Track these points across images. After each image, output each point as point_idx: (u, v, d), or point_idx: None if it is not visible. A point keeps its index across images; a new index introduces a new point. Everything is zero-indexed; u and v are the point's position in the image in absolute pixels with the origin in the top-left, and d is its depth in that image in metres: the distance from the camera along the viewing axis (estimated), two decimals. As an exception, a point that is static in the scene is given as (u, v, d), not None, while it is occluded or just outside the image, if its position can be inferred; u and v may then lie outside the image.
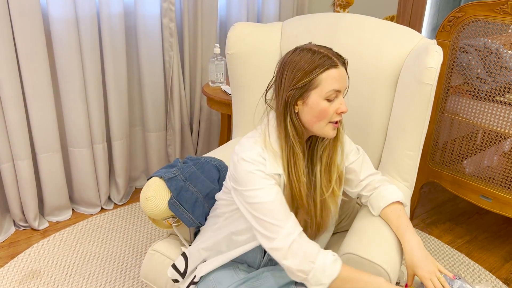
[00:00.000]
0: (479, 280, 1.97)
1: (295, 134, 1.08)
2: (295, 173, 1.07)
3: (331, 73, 1.04)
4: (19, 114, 1.98)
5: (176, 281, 1.28)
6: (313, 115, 1.07)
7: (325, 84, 1.04)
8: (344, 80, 1.07)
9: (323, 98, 1.05)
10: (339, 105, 1.07)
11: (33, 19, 1.89)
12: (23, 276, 1.88)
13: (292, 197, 1.09)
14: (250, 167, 1.04)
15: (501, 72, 1.94)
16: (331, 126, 1.09)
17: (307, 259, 1.00)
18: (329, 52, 1.07)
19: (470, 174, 2.09)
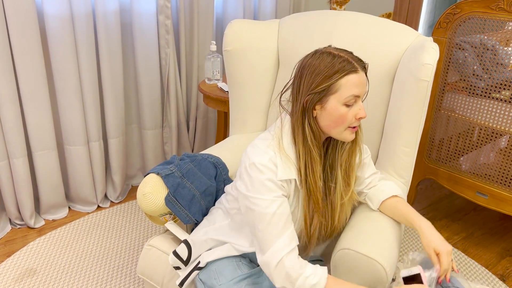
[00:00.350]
0: (477, 280, 1.98)
1: (313, 138, 1.07)
2: (312, 177, 1.07)
3: (351, 78, 1.02)
4: (14, 112, 1.97)
5: (178, 268, 1.27)
6: (331, 120, 1.05)
7: (344, 90, 1.02)
8: (364, 85, 1.05)
9: (342, 103, 1.03)
10: (358, 110, 1.05)
11: (28, 17, 1.88)
12: (19, 274, 1.87)
13: (308, 202, 1.09)
14: (260, 176, 1.03)
15: (497, 68, 1.94)
16: (349, 130, 1.07)
17: (288, 280, 1.01)
18: (350, 56, 1.04)
19: (467, 171, 2.10)
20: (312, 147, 1.06)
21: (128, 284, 1.84)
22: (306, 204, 1.09)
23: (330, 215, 1.16)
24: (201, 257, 1.23)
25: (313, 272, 1.01)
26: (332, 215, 1.16)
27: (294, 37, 1.59)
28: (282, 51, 1.62)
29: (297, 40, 1.58)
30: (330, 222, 1.16)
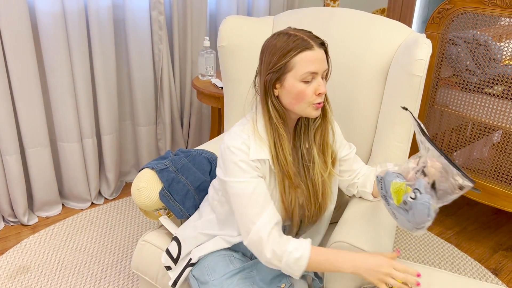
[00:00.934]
0: (469, 274, 2.00)
1: (278, 116, 1.10)
2: (282, 153, 1.09)
3: (305, 55, 1.05)
4: (6, 109, 1.96)
5: (169, 268, 1.27)
6: (292, 98, 1.08)
7: (299, 67, 1.05)
8: (321, 62, 1.07)
9: (299, 80, 1.06)
10: (317, 86, 1.07)
11: (20, 13, 1.86)
12: (12, 271, 1.86)
13: (283, 179, 1.11)
14: (233, 158, 1.07)
15: (489, 64, 1.95)
16: (312, 107, 1.09)
17: (274, 257, 1.04)
18: (306, 34, 1.07)
19: (460, 166, 2.11)
20: (278, 125, 1.09)
21: (123, 280, 1.84)
22: (281, 181, 1.11)
23: (312, 193, 1.17)
24: (192, 253, 1.23)
25: (297, 246, 1.04)
26: (314, 193, 1.17)
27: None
28: (276, 47, 1.62)
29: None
30: (313, 200, 1.18)
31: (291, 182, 1.11)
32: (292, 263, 1.03)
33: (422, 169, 0.98)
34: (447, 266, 2.02)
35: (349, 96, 1.50)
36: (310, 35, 1.08)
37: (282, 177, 1.11)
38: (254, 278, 1.12)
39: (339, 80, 1.50)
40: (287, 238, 1.06)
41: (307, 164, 1.17)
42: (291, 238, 1.06)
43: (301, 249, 1.03)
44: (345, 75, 1.49)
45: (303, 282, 1.17)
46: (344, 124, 1.51)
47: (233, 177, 1.07)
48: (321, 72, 1.07)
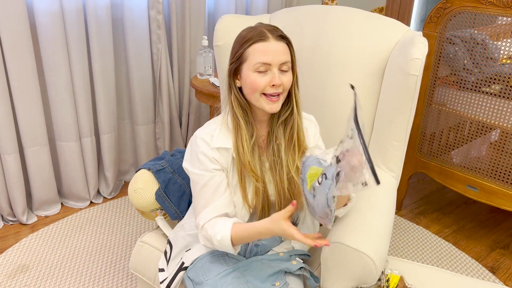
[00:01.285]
0: (467, 272, 2.00)
1: (238, 106, 1.13)
2: (241, 143, 1.12)
3: (257, 47, 1.08)
4: (5, 108, 1.96)
5: (162, 270, 1.28)
6: (247, 87, 1.11)
7: (252, 57, 1.08)
8: (276, 54, 1.08)
9: (252, 70, 1.08)
10: (271, 78, 1.08)
11: (18, 12, 1.87)
12: (11, 270, 1.87)
13: (241, 169, 1.13)
14: (196, 148, 1.13)
15: (487, 63, 1.95)
16: (264, 98, 1.10)
17: (208, 241, 1.12)
18: (267, 28, 1.10)
19: (458, 165, 2.12)
20: (238, 115, 1.13)
21: (121, 279, 1.84)
22: (239, 171, 1.13)
23: (280, 190, 1.18)
24: (184, 257, 1.24)
25: (219, 229, 1.10)
26: (282, 189, 1.18)
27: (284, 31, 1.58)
28: (273, 46, 1.62)
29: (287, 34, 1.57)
30: (282, 197, 1.18)
31: (251, 173, 1.13)
32: (219, 243, 1.09)
33: (339, 155, 0.95)
34: (444, 264, 2.02)
35: (345, 95, 1.50)
36: (271, 28, 1.11)
37: (241, 168, 1.13)
38: (248, 277, 1.13)
39: (335, 78, 1.50)
40: (215, 221, 1.11)
41: (276, 159, 1.18)
42: (218, 221, 1.11)
43: (222, 231, 1.09)
44: (341, 73, 1.49)
45: (299, 281, 1.17)
46: (339, 123, 1.52)
47: (191, 167, 1.14)
48: (276, 63, 1.09)
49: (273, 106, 1.11)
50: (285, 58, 1.10)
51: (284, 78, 1.10)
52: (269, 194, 1.17)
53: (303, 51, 1.55)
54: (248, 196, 1.15)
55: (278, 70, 1.09)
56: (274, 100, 1.10)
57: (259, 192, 1.15)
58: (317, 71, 1.53)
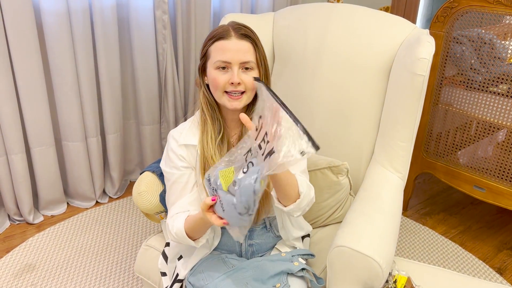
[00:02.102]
0: (474, 273, 1.99)
1: (206, 103, 1.15)
2: (206, 139, 1.13)
3: (218, 45, 1.09)
4: (12, 108, 1.97)
5: (164, 274, 1.28)
6: (211, 85, 1.12)
7: (213, 55, 1.10)
8: (236, 52, 1.08)
9: (214, 67, 1.10)
10: (230, 75, 1.08)
11: (24, 13, 1.87)
12: (18, 270, 1.88)
13: (204, 163, 1.13)
14: (167, 146, 1.17)
15: (494, 62, 1.94)
16: (227, 96, 1.11)
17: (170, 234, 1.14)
18: (232, 26, 1.11)
19: (464, 165, 2.10)
20: (205, 111, 1.14)
21: (127, 279, 1.85)
22: (200, 165, 1.13)
23: None
24: (178, 266, 1.24)
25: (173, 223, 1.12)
26: None
27: (288, 30, 1.58)
28: (277, 44, 1.62)
29: (291, 33, 1.57)
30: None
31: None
32: (177, 236, 1.12)
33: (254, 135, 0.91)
34: (451, 265, 2.01)
35: (350, 95, 1.49)
36: (236, 27, 1.11)
37: (204, 164, 1.13)
38: (249, 279, 1.12)
39: (340, 78, 1.49)
40: (176, 216, 1.13)
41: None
42: (177, 217, 1.13)
43: (177, 224, 1.12)
44: (346, 72, 1.48)
45: (301, 283, 1.16)
46: (345, 122, 1.51)
47: (164, 165, 1.18)
48: (236, 62, 1.08)
49: (234, 103, 1.11)
50: (246, 57, 1.09)
51: (245, 77, 1.09)
52: None
53: (306, 49, 1.54)
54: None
55: (239, 69, 1.09)
56: (235, 98, 1.10)
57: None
58: (321, 70, 1.52)
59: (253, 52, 1.11)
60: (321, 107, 1.54)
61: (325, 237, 1.43)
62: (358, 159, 1.52)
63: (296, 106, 1.56)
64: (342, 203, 1.48)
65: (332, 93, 1.51)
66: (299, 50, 1.55)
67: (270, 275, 1.12)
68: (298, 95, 1.57)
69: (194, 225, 1.08)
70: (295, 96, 1.58)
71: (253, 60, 1.11)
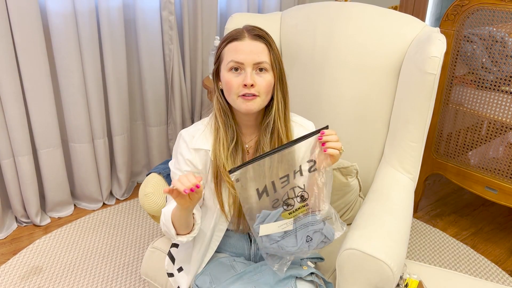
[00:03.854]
0: (486, 276, 1.95)
1: (219, 108, 1.13)
2: (218, 146, 1.12)
3: (232, 45, 1.08)
4: (18, 110, 1.96)
5: (171, 275, 1.26)
6: (225, 88, 1.10)
7: (226, 56, 1.08)
8: (249, 53, 1.06)
9: (227, 70, 1.08)
10: (243, 77, 1.06)
11: (31, 14, 1.87)
12: (25, 272, 1.87)
13: (217, 172, 1.12)
14: (177, 147, 1.16)
15: (506, 61, 1.90)
16: (241, 99, 1.07)
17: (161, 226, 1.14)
18: (246, 27, 1.10)
19: (475, 166, 2.07)
20: (218, 117, 1.12)
21: (134, 281, 1.83)
22: (215, 175, 1.12)
23: None
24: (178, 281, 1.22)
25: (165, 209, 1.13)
26: None
27: (296, 29, 1.56)
28: (285, 44, 1.60)
29: (299, 32, 1.55)
30: None
31: (226, 178, 1.10)
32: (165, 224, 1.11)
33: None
34: (463, 268, 1.97)
35: (359, 94, 1.47)
36: (250, 28, 1.09)
37: (216, 171, 1.12)
38: (257, 282, 1.10)
39: (349, 77, 1.47)
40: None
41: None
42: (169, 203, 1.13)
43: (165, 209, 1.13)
44: (355, 71, 1.46)
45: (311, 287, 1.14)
46: (354, 122, 1.49)
47: (171, 164, 1.18)
48: (249, 63, 1.06)
49: (249, 104, 1.07)
50: (260, 58, 1.06)
51: (259, 79, 1.07)
52: None
53: (315, 49, 1.52)
54: (224, 203, 1.13)
55: (252, 70, 1.06)
56: (249, 98, 1.06)
57: (236, 199, 1.12)
58: (329, 70, 1.50)
59: (267, 53, 1.08)
60: (330, 107, 1.51)
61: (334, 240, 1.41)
62: (368, 160, 1.49)
63: (304, 106, 1.54)
64: (352, 205, 1.46)
65: (341, 93, 1.49)
66: (307, 50, 1.53)
67: (278, 279, 1.10)
68: (306, 95, 1.55)
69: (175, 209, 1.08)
70: (304, 96, 1.56)
71: (267, 61, 1.08)
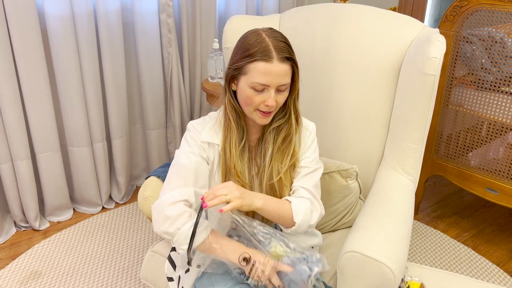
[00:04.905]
0: (488, 278, 1.94)
1: (231, 109, 1.12)
2: (228, 145, 1.12)
3: (259, 66, 1.03)
4: (17, 114, 1.96)
5: (171, 279, 1.25)
6: (242, 98, 1.09)
7: (251, 74, 1.05)
8: (276, 76, 1.04)
9: (249, 86, 1.06)
10: (266, 97, 1.06)
11: (29, 18, 1.86)
12: (24, 277, 1.86)
13: (226, 170, 1.13)
14: (186, 133, 1.15)
15: (506, 61, 1.90)
16: (258, 113, 1.09)
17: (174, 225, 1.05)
18: (274, 43, 1.04)
19: (476, 167, 2.06)
20: (231, 117, 1.12)
21: (134, 285, 1.82)
22: (224, 172, 1.13)
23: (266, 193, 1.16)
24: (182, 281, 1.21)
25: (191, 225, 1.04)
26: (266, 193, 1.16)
27: (295, 31, 1.55)
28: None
29: (298, 34, 1.55)
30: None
31: (237, 178, 1.12)
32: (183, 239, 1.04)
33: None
34: (464, 270, 1.96)
35: (359, 96, 1.46)
36: (278, 46, 1.04)
37: (226, 168, 1.12)
38: None
39: (349, 78, 1.46)
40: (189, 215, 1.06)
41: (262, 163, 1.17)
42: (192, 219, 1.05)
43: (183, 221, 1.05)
44: (355, 73, 1.45)
45: None
46: (354, 124, 1.48)
47: (180, 149, 1.15)
48: (274, 85, 1.05)
49: (265, 120, 1.11)
50: (285, 80, 1.06)
51: (279, 98, 1.08)
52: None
53: (314, 51, 1.51)
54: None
55: (275, 91, 1.06)
56: (266, 115, 1.09)
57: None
58: (329, 71, 1.49)
59: (291, 74, 1.08)
60: (330, 109, 1.51)
61: (334, 243, 1.40)
62: (368, 162, 1.49)
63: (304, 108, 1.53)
64: (352, 208, 1.45)
65: (340, 94, 1.48)
66: (306, 52, 1.52)
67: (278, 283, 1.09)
68: (305, 97, 1.54)
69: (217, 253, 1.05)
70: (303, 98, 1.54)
71: (289, 81, 1.08)
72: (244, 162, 1.14)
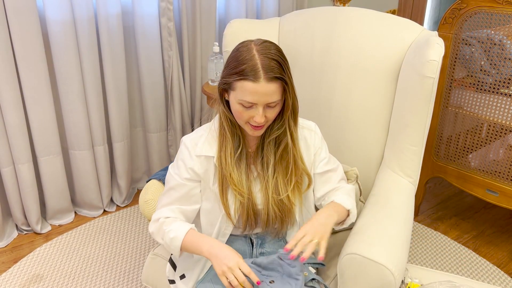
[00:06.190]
0: (489, 279, 1.95)
1: (225, 119, 1.12)
2: (224, 154, 1.13)
3: (246, 85, 1.02)
4: (18, 117, 1.97)
5: (172, 282, 1.26)
6: (233, 111, 1.10)
7: (239, 92, 1.04)
8: (263, 95, 1.02)
9: (237, 102, 1.06)
10: (254, 114, 1.05)
11: (30, 22, 1.87)
12: (26, 280, 1.87)
13: (223, 181, 1.13)
14: (179, 154, 1.17)
15: (505, 63, 1.90)
16: (249, 126, 1.09)
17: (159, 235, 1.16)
18: (263, 61, 1.02)
19: (476, 168, 2.06)
20: (226, 127, 1.12)
21: (135, 288, 1.83)
22: (220, 183, 1.13)
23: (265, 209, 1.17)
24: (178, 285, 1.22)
25: (175, 227, 1.12)
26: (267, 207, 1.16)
27: (294, 35, 1.56)
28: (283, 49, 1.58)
29: (298, 38, 1.55)
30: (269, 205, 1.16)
31: (233, 187, 1.12)
32: (170, 241, 1.11)
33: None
34: (465, 271, 1.97)
35: (359, 99, 1.47)
36: (267, 65, 1.01)
37: (222, 179, 1.13)
38: None
39: (348, 81, 1.47)
40: (174, 219, 1.15)
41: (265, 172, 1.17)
42: (177, 220, 1.15)
43: (177, 231, 1.11)
44: (354, 76, 1.46)
45: None
46: (353, 126, 1.49)
47: (171, 168, 1.19)
48: (262, 103, 1.04)
49: (256, 132, 1.10)
50: (273, 98, 1.05)
51: (269, 113, 1.07)
52: (256, 203, 1.16)
53: (314, 54, 1.52)
54: (230, 208, 1.14)
55: (265, 107, 1.05)
56: (258, 129, 1.09)
57: (244, 204, 1.14)
58: (328, 74, 1.50)
59: (280, 92, 1.06)
60: (329, 112, 1.52)
61: (335, 245, 1.40)
62: (368, 164, 1.49)
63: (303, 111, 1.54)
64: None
65: (340, 97, 1.49)
66: (306, 55, 1.53)
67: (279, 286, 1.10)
68: (305, 100, 1.55)
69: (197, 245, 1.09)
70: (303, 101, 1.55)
71: (279, 98, 1.06)
72: (241, 170, 1.14)
